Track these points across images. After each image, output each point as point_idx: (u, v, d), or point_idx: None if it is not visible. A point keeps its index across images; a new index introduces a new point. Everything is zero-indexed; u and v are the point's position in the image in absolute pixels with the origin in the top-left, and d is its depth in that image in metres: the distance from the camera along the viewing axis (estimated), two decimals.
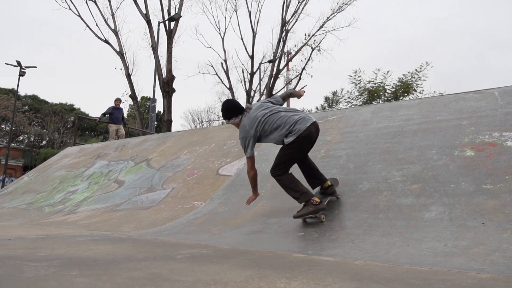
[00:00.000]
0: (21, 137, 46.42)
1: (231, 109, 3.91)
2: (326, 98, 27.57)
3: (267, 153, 5.69)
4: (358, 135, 5.24)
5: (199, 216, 4.50)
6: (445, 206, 3.35)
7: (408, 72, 19.24)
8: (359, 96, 21.67)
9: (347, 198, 4.03)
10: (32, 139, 47.00)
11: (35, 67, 25.80)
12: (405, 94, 19.51)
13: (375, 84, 20.55)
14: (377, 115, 5.59)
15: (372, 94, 20.69)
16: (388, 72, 19.48)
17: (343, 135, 5.41)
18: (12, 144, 32.50)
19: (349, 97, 22.78)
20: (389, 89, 20.15)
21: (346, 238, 3.17)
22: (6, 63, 25.40)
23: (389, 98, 19.92)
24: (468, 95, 5.10)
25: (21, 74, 24.64)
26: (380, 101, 20.30)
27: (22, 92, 41.49)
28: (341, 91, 25.38)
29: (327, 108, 26.51)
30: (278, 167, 3.96)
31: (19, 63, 24.59)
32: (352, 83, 21.04)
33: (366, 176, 4.31)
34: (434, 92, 18.65)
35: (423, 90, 18.85)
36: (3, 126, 45.31)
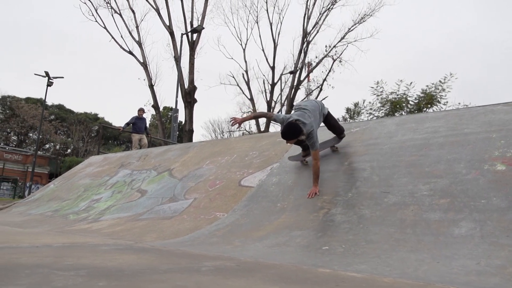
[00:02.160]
0: (47, 145, 47.74)
1: (296, 129, 4.54)
2: (348, 109, 27.35)
3: (289, 164, 5.65)
4: (383, 147, 5.15)
5: (221, 227, 4.49)
6: (475, 222, 3.23)
7: (432, 84, 18.90)
8: (381, 108, 21.40)
9: (372, 211, 3.94)
10: (57, 147, 48.26)
11: (62, 77, 26.59)
12: (429, 106, 19.15)
13: (397, 95, 20.27)
14: (402, 127, 5.50)
15: (395, 106, 20.39)
16: (411, 83, 19.19)
17: (367, 147, 5.32)
18: (39, 152, 33.43)
19: (371, 108, 22.52)
20: (412, 101, 19.82)
21: (372, 253, 3.09)
22: (35, 74, 26.30)
23: (412, 110, 19.58)
24: (497, 107, 4.95)
25: (49, 84, 25.41)
26: (403, 113, 19.98)
27: (49, 101, 42.74)
28: (363, 102, 25.14)
29: (348, 119, 26.29)
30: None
31: (47, 74, 25.38)
32: (374, 94, 20.81)
33: (391, 189, 4.22)
34: (459, 104, 18.23)
35: (447, 102, 18.46)
36: (31, 135, 46.70)
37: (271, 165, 5.83)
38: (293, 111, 4.90)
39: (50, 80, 25.49)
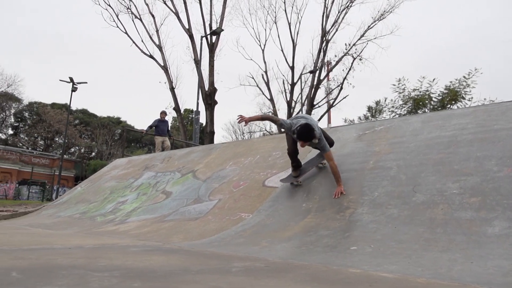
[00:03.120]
0: (72, 149, 48.91)
1: (312, 131, 4.62)
2: (369, 108, 27.03)
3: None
4: (409, 145, 5.06)
5: (247, 228, 4.50)
6: (510, 221, 3.14)
7: (456, 79, 18.42)
8: (403, 105, 21.03)
9: (400, 211, 3.88)
10: (82, 150, 49.40)
11: (86, 82, 27.21)
12: (453, 102, 18.69)
13: (420, 92, 19.87)
14: (428, 124, 5.39)
15: (417, 103, 19.99)
16: (434, 80, 18.75)
17: (392, 145, 5.24)
18: (65, 156, 34.29)
19: (393, 106, 22.16)
20: (435, 97, 19.38)
21: (403, 253, 3.04)
22: (60, 80, 26.98)
23: (436, 107, 19.15)
24: None
25: (73, 89, 26.04)
26: (426, 110, 19.58)
27: (73, 106, 43.79)
28: (385, 100, 24.76)
29: (370, 118, 25.96)
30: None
31: (71, 79, 26.02)
32: (396, 91, 20.45)
33: (419, 188, 4.15)
34: (485, 99, 17.70)
35: (472, 98, 17.95)
36: (57, 139, 47.97)
37: None
38: (294, 120, 4.94)
39: (74, 86, 26.12)
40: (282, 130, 5.31)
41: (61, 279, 1.93)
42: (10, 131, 50.00)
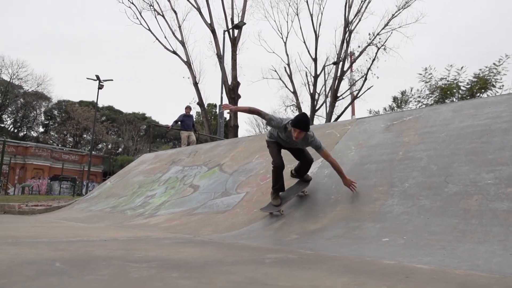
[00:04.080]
0: (100, 145, 50.19)
1: (309, 121, 4.49)
2: (395, 98, 26.47)
3: (341, 156, 5.57)
4: (439, 135, 4.95)
5: (276, 220, 4.52)
6: None
7: (485, 67, 17.79)
8: (430, 95, 20.51)
9: (432, 202, 3.81)
10: (109, 146, 50.64)
11: (112, 79, 27.77)
12: (482, 91, 18.09)
13: (447, 81, 19.30)
14: (459, 113, 5.25)
15: (445, 92, 19.44)
16: (462, 68, 18.17)
17: (422, 135, 5.14)
18: (93, 152, 35.21)
19: (419, 96, 21.65)
20: (463, 86, 18.80)
21: (437, 244, 2.99)
22: (87, 78, 27.65)
23: (464, 96, 18.57)
24: None
25: (100, 87, 26.65)
26: (454, 99, 19.03)
27: (100, 103, 44.78)
28: (410, 90, 24.22)
29: (395, 108, 25.45)
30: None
31: (98, 77, 26.62)
32: (422, 81, 19.95)
33: (452, 178, 4.05)
34: None
35: (503, 86, 17.31)
36: (85, 136, 49.31)
37: (322, 157, 5.77)
38: (283, 116, 4.82)
39: (100, 83, 26.72)
40: (268, 128, 5.00)
41: (102, 270, 1.99)
42: (41, 129, 51.76)
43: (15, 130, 49.01)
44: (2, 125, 47.57)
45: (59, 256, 2.47)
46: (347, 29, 25.42)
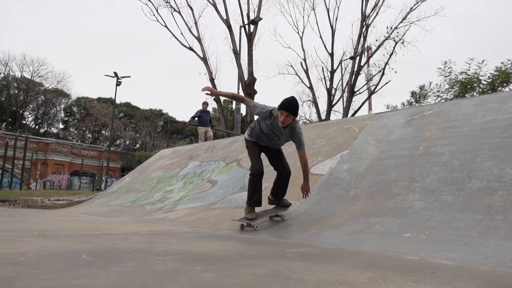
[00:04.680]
0: (118, 141, 50.96)
1: (298, 105, 4.21)
2: (413, 93, 26.07)
3: (360, 151, 5.53)
4: (461, 130, 4.86)
5: (295, 216, 4.52)
6: None
7: (508, 60, 17.34)
8: (450, 89, 20.12)
9: (455, 197, 3.75)
10: (127, 142, 51.35)
11: (129, 76, 28.11)
12: (504, 85, 17.65)
13: (467, 75, 18.89)
14: (482, 107, 5.14)
15: (465, 87, 19.04)
16: (483, 61, 17.75)
17: (443, 130, 5.06)
18: (111, 148, 35.79)
19: (438, 91, 21.28)
20: (484, 80, 18.37)
21: (460, 240, 2.94)
22: (105, 75, 28.05)
23: (485, 90, 18.15)
24: None
25: (118, 84, 27.00)
26: (475, 94, 18.62)
27: (118, 100, 45.44)
28: (429, 85, 23.82)
29: (414, 103, 25.05)
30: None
31: (116, 74, 26.97)
32: (442, 75, 19.57)
33: (475, 174, 3.98)
34: None
35: None
36: (103, 132, 50.11)
37: (340, 152, 5.75)
38: (267, 105, 4.40)
39: (118, 80, 27.07)
40: (253, 125, 4.58)
41: (127, 262, 2.03)
42: (61, 125, 52.85)
43: (36, 127, 50.17)
44: (24, 122, 48.74)
45: (84, 248, 2.53)
46: (364, 23, 25.09)
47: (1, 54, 52.76)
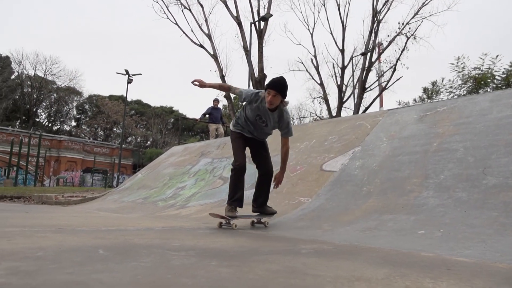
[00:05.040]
0: (129, 139, 51.41)
1: (287, 84, 3.97)
2: (425, 89, 25.78)
3: (372, 147, 5.49)
4: (476, 126, 4.80)
5: (307, 212, 4.52)
6: None
7: None
8: (463, 85, 19.84)
9: (470, 194, 3.71)
10: (138, 140, 51.76)
11: (140, 74, 28.30)
12: None
13: (481, 71, 18.59)
14: (497, 103, 5.07)
15: (479, 82, 18.75)
16: (497, 56, 17.45)
17: (458, 126, 5.00)
18: (123, 145, 36.11)
19: (451, 87, 21.01)
20: (498, 75, 18.07)
21: (476, 238, 2.91)
22: (116, 73, 28.25)
23: (499, 86, 17.85)
24: None
25: (129, 81, 27.19)
26: (488, 90, 18.34)
27: (128, 97, 45.83)
28: (442, 81, 23.54)
29: (426, 99, 24.79)
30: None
31: (127, 72, 27.16)
32: (454, 71, 19.30)
33: (490, 170, 3.93)
34: None
35: None
36: (115, 129, 50.58)
37: (352, 149, 5.72)
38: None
39: (130, 78, 27.26)
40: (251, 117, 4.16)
41: (144, 257, 2.05)
42: (73, 123, 53.52)
43: (49, 124, 50.87)
44: (38, 120, 49.43)
45: (100, 243, 2.56)
46: (375, 18, 24.84)
47: (15, 53, 53.55)
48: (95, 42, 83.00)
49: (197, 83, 4.27)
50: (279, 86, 3.84)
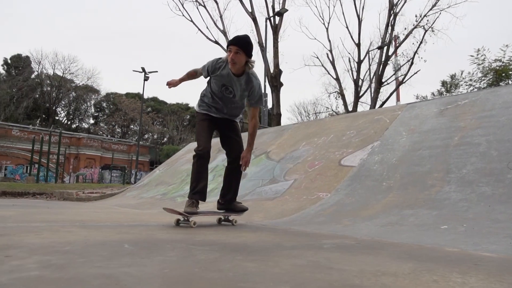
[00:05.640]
0: (146, 136, 52.02)
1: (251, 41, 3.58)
2: (443, 83, 25.35)
3: (392, 142, 5.44)
4: (499, 119, 4.70)
5: (326, 207, 4.51)
6: None
7: None
8: (483, 78, 19.44)
9: (494, 188, 3.64)
10: (155, 136, 52.31)
11: (157, 71, 28.53)
12: None
13: (502, 63, 18.15)
14: None
15: (499, 75, 18.33)
16: None
17: (480, 120, 4.90)
18: (140, 142, 36.58)
19: (470, 80, 20.61)
20: None
21: (501, 233, 2.86)
22: (133, 70, 28.58)
23: None
24: None
25: (146, 79, 27.47)
26: (510, 82, 17.90)
27: (145, 95, 46.33)
28: (461, 74, 23.09)
29: (444, 93, 24.34)
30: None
31: (143, 69, 27.44)
32: (474, 63, 18.91)
33: None
34: None
35: None
36: (132, 126, 51.22)
37: (371, 144, 5.67)
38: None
39: (146, 75, 27.54)
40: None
41: (169, 251, 2.09)
42: (91, 121, 54.43)
43: (68, 122, 51.85)
44: (57, 118, 50.42)
45: (125, 238, 2.61)
46: (391, 11, 24.48)
47: (35, 53, 54.65)
48: (112, 41, 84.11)
49: (170, 85, 4.03)
50: (242, 41, 3.42)
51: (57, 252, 1.99)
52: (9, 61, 48.34)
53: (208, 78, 3.76)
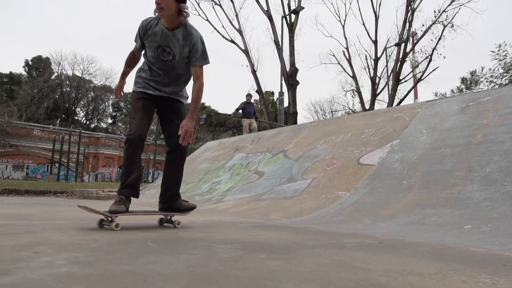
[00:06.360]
0: (162, 135, 52.54)
1: None
2: (463, 79, 24.89)
3: (412, 140, 5.36)
4: None
5: (345, 206, 4.48)
6: None
7: None
8: (505, 74, 19.01)
9: None
10: None
11: None
12: None
13: None
14: None
15: None
16: None
17: (504, 117, 4.79)
18: (157, 142, 36.91)
19: (491, 76, 20.18)
20: None
21: None
22: None
23: None
24: None
25: None
26: None
27: None
28: (481, 70, 22.63)
29: (464, 90, 23.88)
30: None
31: None
32: (496, 59, 18.52)
33: None
34: None
35: None
36: None
37: (390, 142, 5.60)
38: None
39: None
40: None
41: (192, 249, 2.11)
42: (109, 120, 55.25)
43: (87, 122, 52.75)
44: (76, 118, 51.37)
45: (148, 236, 2.65)
46: (409, 7, 24.14)
47: (55, 54, 55.77)
48: (129, 40, 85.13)
49: (117, 94, 3.70)
50: None
51: (84, 249, 2.03)
52: (30, 63, 49.53)
53: (144, 50, 3.30)
